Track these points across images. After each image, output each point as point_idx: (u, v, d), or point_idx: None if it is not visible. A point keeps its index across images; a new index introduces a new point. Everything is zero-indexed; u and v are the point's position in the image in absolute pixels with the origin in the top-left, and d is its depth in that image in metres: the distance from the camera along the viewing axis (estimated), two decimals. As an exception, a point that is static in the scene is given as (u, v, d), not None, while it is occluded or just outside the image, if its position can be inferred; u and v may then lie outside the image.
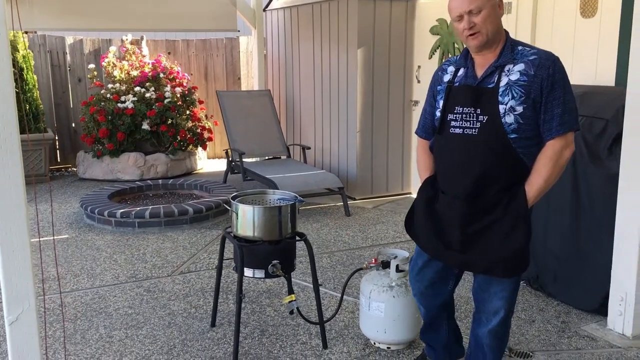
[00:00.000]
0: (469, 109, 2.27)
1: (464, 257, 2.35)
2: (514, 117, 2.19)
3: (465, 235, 2.32)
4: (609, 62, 4.23)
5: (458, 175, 2.33)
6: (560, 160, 2.22)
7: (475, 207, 2.29)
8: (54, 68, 8.07)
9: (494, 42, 2.26)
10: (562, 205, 3.71)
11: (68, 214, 5.94)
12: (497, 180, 2.25)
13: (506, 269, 2.30)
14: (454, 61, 2.44)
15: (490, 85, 2.24)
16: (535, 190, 2.24)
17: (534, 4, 4.78)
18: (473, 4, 2.17)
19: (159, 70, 7.85)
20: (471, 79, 2.31)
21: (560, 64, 2.23)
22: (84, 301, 3.84)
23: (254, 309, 3.70)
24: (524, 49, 2.27)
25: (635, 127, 3.11)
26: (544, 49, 2.29)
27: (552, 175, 2.23)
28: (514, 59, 2.24)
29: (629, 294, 3.24)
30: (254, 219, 2.99)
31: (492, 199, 2.27)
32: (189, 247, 4.91)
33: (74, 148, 8.23)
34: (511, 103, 2.19)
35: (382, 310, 3.05)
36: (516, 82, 2.20)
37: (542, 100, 2.19)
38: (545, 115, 2.20)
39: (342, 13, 6.33)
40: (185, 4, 7.36)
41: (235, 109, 7.14)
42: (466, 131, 2.27)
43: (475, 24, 2.19)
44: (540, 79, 2.18)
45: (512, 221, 2.25)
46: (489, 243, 2.29)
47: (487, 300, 2.44)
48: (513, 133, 2.21)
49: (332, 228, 5.43)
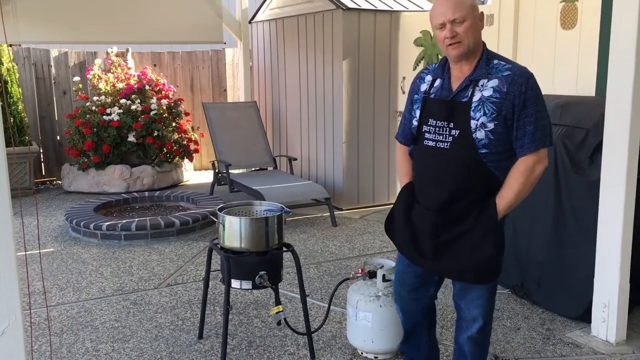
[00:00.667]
0: (442, 123, 2.29)
1: (436, 264, 2.40)
2: (485, 133, 2.21)
3: (437, 245, 2.36)
4: (589, 72, 4.30)
5: (431, 188, 2.36)
6: (532, 175, 2.25)
7: (446, 218, 2.32)
8: (39, 81, 8.04)
9: (473, 53, 2.27)
10: (545, 213, 3.76)
11: (53, 227, 5.90)
12: (468, 193, 2.28)
13: (477, 275, 2.34)
14: (432, 69, 2.45)
15: (464, 100, 2.26)
16: (505, 203, 2.26)
17: (515, 15, 4.86)
18: (457, 14, 2.19)
19: (144, 83, 7.84)
20: (446, 91, 2.33)
21: (534, 81, 2.24)
22: (70, 315, 3.81)
23: (241, 321, 3.70)
24: (500, 63, 2.28)
25: (615, 136, 3.17)
26: (519, 65, 2.31)
27: (524, 190, 2.26)
28: (488, 74, 2.25)
29: (611, 300, 3.29)
30: (240, 230, 3.00)
31: (463, 210, 2.30)
32: (175, 259, 4.90)
33: (59, 161, 8.18)
34: (482, 119, 2.21)
35: (369, 319, 3.06)
36: (489, 98, 2.22)
37: (514, 117, 2.21)
38: (518, 132, 2.22)
39: (327, 25, 6.39)
40: (171, 16, 7.37)
41: (221, 121, 7.15)
42: (439, 144, 2.30)
43: (458, 34, 2.21)
44: (512, 96, 2.20)
45: (482, 232, 2.28)
46: (459, 251, 2.33)
47: (465, 308, 2.48)
48: (484, 148, 2.23)
49: (319, 238, 5.45)
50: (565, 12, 4.47)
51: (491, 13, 5.08)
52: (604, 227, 3.29)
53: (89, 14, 6.94)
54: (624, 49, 3.10)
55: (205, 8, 7.54)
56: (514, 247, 4.03)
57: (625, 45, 3.09)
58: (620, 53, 3.12)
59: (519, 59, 4.90)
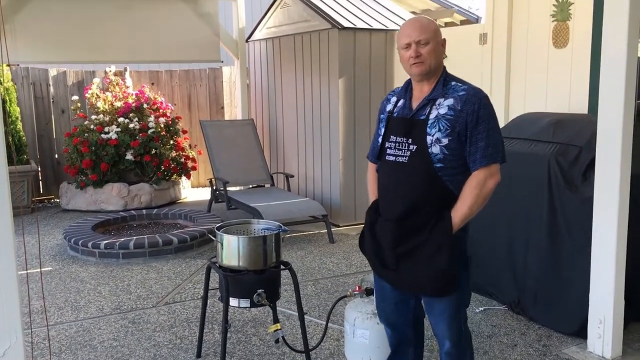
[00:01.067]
0: (402, 139, 2.44)
1: (397, 276, 2.52)
2: (440, 148, 2.35)
3: (397, 256, 2.48)
4: (582, 90, 4.37)
5: (391, 200, 2.50)
6: (484, 189, 2.36)
7: (404, 229, 2.45)
8: (37, 100, 8.09)
9: (434, 74, 2.43)
10: (540, 229, 3.80)
11: (51, 245, 5.91)
12: (424, 205, 2.40)
13: (434, 288, 2.44)
14: (397, 92, 2.61)
15: (422, 117, 2.41)
16: (459, 216, 2.37)
17: (508, 34, 4.95)
18: (422, 36, 2.37)
19: (142, 101, 7.90)
20: (407, 110, 2.49)
21: (487, 101, 2.39)
22: (69, 334, 3.82)
23: (239, 339, 3.72)
24: (457, 84, 2.44)
25: (607, 153, 3.22)
26: (474, 86, 2.45)
27: (476, 204, 2.37)
28: (445, 94, 2.41)
29: (607, 316, 3.31)
30: (238, 248, 3.03)
31: (420, 221, 2.42)
32: (173, 277, 4.91)
33: (57, 179, 8.21)
34: (437, 135, 2.35)
35: (367, 337, 3.08)
36: (444, 115, 2.37)
37: (467, 133, 2.35)
38: (471, 148, 2.36)
39: (323, 44, 6.47)
40: (169, 35, 7.46)
41: (218, 138, 7.20)
42: (398, 159, 2.45)
43: (421, 54, 2.37)
44: (465, 114, 2.34)
45: (437, 244, 2.39)
46: (417, 263, 2.44)
47: (434, 324, 2.58)
48: (439, 162, 2.36)
49: (316, 255, 5.47)
50: (557, 31, 4.55)
51: (485, 32, 5.17)
52: (598, 243, 3.32)
53: (87, 34, 7.03)
54: (614, 66, 3.16)
55: (203, 27, 7.63)
56: (510, 264, 4.06)
57: (615, 62, 3.15)
58: (610, 70, 3.18)
59: (512, 76, 4.98)
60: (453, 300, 2.48)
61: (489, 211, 4.18)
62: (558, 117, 4.05)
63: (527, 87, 4.86)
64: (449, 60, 5.66)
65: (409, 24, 2.44)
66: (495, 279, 4.21)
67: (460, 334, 2.55)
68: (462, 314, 2.57)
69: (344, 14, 6.61)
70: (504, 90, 5.02)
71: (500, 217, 4.12)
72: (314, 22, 6.59)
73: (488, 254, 4.26)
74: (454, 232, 2.38)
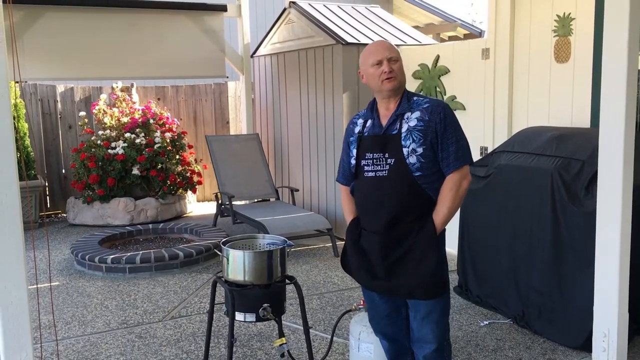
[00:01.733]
0: (378, 154, 2.60)
1: (389, 284, 2.62)
2: (416, 157, 2.52)
3: (387, 264, 2.59)
4: (584, 104, 4.40)
5: (375, 212, 2.62)
6: (459, 190, 2.54)
7: (391, 238, 2.58)
8: (45, 116, 8.18)
9: (400, 90, 2.63)
10: (543, 243, 3.82)
11: (58, 260, 5.95)
12: (408, 213, 2.55)
13: (425, 290, 2.56)
14: (362, 115, 2.78)
15: (394, 132, 2.58)
16: (441, 218, 2.53)
17: (510, 49, 4.99)
18: (393, 54, 2.61)
19: (148, 116, 7.98)
20: (377, 128, 2.65)
21: (450, 110, 2.60)
22: (76, 349, 3.85)
23: (245, 353, 3.73)
24: (419, 99, 2.63)
25: (609, 167, 3.24)
26: (435, 98, 2.71)
27: (454, 204, 2.54)
28: (411, 108, 2.59)
29: (611, 330, 3.31)
30: (244, 263, 3.06)
31: (405, 229, 2.56)
32: (179, 291, 4.94)
33: (64, 194, 8.27)
34: (412, 145, 2.53)
35: (372, 351, 3.10)
36: (415, 127, 2.55)
37: (438, 140, 2.53)
38: (443, 153, 2.54)
39: (327, 59, 6.53)
40: (175, 52, 7.55)
41: (224, 153, 7.25)
42: (378, 173, 2.59)
43: (393, 70, 2.58)
44: (434, 123, 2.54)
45: (424, 247, 2.53)
46: (407, 268, 2.56)
47: (417, 329, 2.66)
48: (417, 171, 2.53)
49: (321, 269, 5.49)
50: (559, 46, 4.59)
51: (487, 47, 5.22)
52: (601, 257, 3.33)
53: (94, 51, 7.11)
54: (615, 81, 3.18)
55: (208, 43, 7.72)
56: (514, 277, 4.08)
57: (616, 76, 3.17)
58: (611, 84, 3.20)
59: (515, 91, 5.02)
60: (439, 303, 2.60)
61: (492, 224, 4.22)
62: (560, 131, 4.08)
63: (530, 102, 4.90)
64: (452, 74, 5.74)
65: (377, 43, 2.66)
66: (500, 293, 4.22)
67: (442, 339, 2.65)
68: (446, 321, 2.67)
69: (347, 29, 6.68)
70: (506, 105, 5.05)
71: (503, 230, 4.14)
72: (318, 37, 6.66)
73: (492, 267, 4.28)
74: (438, 234, 2.53)
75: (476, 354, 3.66)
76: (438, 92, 5.82)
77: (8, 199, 1.96)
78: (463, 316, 4.25)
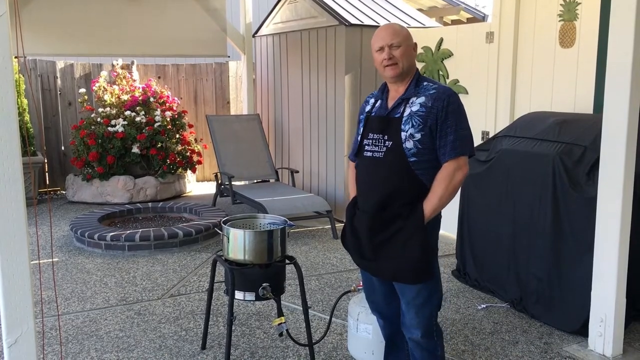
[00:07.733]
0: (378, 135, 2.60)
1: (375, 264, 2.64)
2: (413, 142, 2.50)
3: (374, 245, 2.61)
4: (587, 90, 4.39)
5: (368, 193, 2.63)
6: (453, 180, 2.50)
7: (380, 219, 2.58)
8: (45, 92, 8.13)
9: (407, 75, 2.59)
10: (544, 228, 3.83)
11: (57, 237, 5.96)
12: (399, 197, 2.54)
13: (408, 276, 2.55)
14: (375, 94, 2.77)
15: (397, 115, 2.57)
16: (431, 206, 2.50)
17: (515, 34, 4.96)
18: (394, 40, 2.54)
19: (149, 95, 7.94)
20: (383, 109, 2.65)
21: (455, 98, 2.54)
22: (75, 324, 3.87)
23: (243, 332, 3.76)
24: (429, 84, 2.59)
25: (612, 153, 3.24)
26: (444, 85, 2.62)
27: (446, 194, 2.50)
28: (417, 93, 2.56)
29: (608, 315, 3.34)
30: (244, 242, 3.06)
31: (394, 212, 2.55)
32: (179, 270, 4.96)
33: (63, 171, 8.26)
34: (411, 130, 2.50)
35: (370, 332, 3.12)
36: (416, 112, 2.52)
37: (437, 127, 2.50)
38: (440, 142, 2.50)
39: (330, 40, 6.49)
40: (177, 30, 7.50)
41: (224, 133, 7.24)
42: (375, 154, 2.60)
43: (394, 56, 2.54)
44: (436, 110, 2.49)
45: (411, 232, 2.52)
46: (392, 251, 2.57)
47: (406, 312, 2.66)
48: (413, 157, 2.50)
49: (320, 251, 5.50)
50: (564, 30, 4.56)
51: (491, 31, 5.18)
52: (601, 242, 3.35)
53: (94, 27, 7.07)
54: (620, 67, 3.17)
55: (210, 22, 7.67)
56: (513, 262, 4.09)
57: (621, 63, 3.16)
58: (616, 71, 3.19)
59: (518, 75, 5.00)
60: (424, 289, 2.59)
61: (492, 209, 4.23)
62: (563, 117, 4.07)
63: (533, 86, 4.88)
64: (455, 58, 5.70)
65: (382, 29, 2.61)
66: (498, 277, 4.24)
67: (429, 325, 2.64)
68: (434, 306, 2.65)
69: (351, 10, 6.63)
70: (509, 89, 5.03)
71: (504, 215, 4.15)
72: (321, 18, 6.61)
73: (491, 251, 4.29)
74: (426, 222, 2.51)
75: (473, 336, 3.68)
76: (441, 75, 5.79)
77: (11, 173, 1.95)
78: (461, 299, 4.27)
